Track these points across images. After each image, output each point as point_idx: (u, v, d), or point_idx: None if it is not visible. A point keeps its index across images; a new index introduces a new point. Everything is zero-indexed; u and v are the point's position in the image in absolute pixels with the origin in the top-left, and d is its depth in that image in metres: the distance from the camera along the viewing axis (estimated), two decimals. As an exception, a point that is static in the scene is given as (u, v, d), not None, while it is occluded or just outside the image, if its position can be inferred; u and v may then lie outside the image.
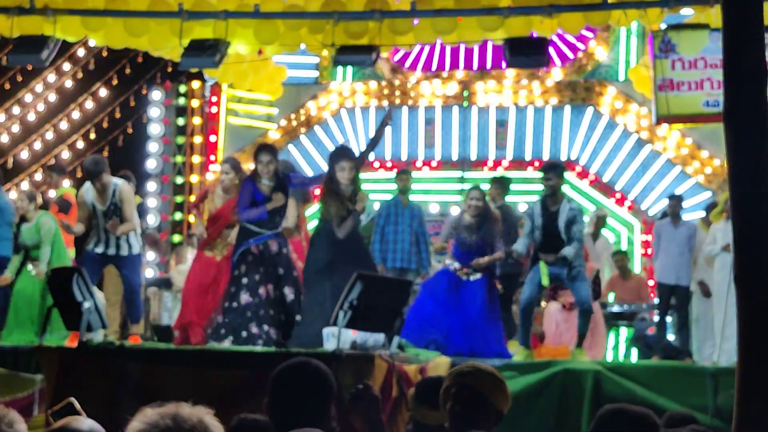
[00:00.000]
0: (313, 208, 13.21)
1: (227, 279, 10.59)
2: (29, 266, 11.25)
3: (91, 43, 12.24)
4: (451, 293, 10.68)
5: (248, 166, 16.18)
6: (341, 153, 10.38)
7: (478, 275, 10.79)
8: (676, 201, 12.53)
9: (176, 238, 16.74)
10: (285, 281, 9.87)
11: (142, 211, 12.82)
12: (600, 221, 13.44)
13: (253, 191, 9.99)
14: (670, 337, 12.63)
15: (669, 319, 12.51)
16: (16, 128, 17.74)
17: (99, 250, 10.82)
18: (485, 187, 11.64)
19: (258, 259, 9.93)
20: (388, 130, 12.34)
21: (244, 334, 9.70)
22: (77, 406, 3.81)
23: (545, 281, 10.73)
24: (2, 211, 11.79)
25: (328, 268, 9.87)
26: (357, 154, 10.60)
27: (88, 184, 10.97)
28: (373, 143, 10.89)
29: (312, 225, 11.90)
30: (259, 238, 9.93)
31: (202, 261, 11.05)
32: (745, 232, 4.65)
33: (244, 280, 9.87)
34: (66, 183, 14.10)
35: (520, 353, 10.58)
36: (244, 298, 9.82)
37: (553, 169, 10.76)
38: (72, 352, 8.69)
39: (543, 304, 12.81)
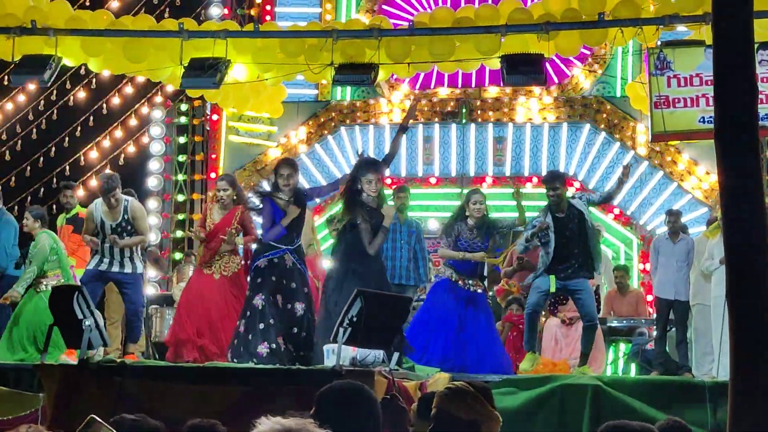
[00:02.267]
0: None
1: (229, 296, 10.68)
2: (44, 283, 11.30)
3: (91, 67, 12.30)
4: (457, 306, 10.76)
5: (251, 182, 16.36)
6: (369, 164, 10.31)
7: (480, 286, 10.88)
8: (674, 216, 12.57)
9: (178, 255, 16.80)
10: (296, 296, 9.92)
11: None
12: (596, 235, 13.47)
13: (273, 211, 10.04)
14: (670, 352, 12.66)
15: (668, 334, 12.54)
16: (18, 146, 17.83)
17: (102, 267, 10.90)
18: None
19: (271, 269, 9.98)
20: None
21: (274, 346, 9.75)
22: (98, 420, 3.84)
23: (553, 288, 10.81)
24: (16, 232, 11.90)
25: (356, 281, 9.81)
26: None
27: (98, 201, 11.08)
28: (392, 153, 10.78)
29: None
30: (275, 252, 10.02)
31: (200, 279, 11.07)
32: (737, 249, 4.72)
33: (259, 286, 9.96)
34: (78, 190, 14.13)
35: (529, 358, 10.65)
36: (258, 302, 9.88)
37: (558, 179, 10.89)
38: (73, 370, 8.73)
39: (542, 319, 12.86)
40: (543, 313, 12.90)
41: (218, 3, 17.76)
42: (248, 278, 10.34)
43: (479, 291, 10.86)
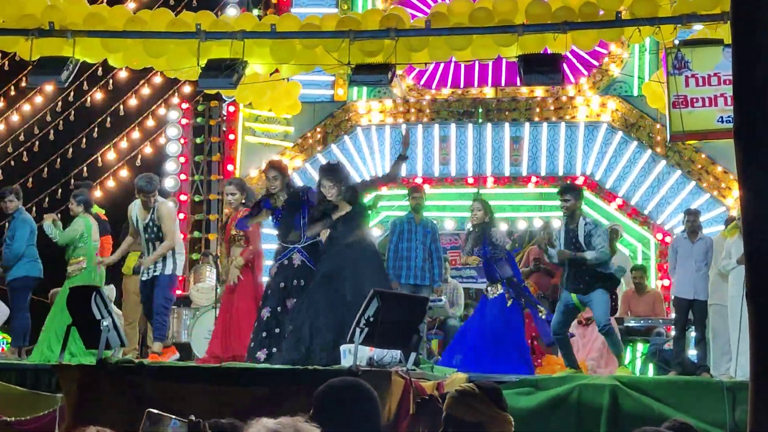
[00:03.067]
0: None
1: (241, 299, 10.74)
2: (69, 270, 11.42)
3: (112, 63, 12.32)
4: (477, 316, 10.95)
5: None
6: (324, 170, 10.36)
7: (499, 290, 10.90)
8: (693, 216, 12.52)
9: (195, 256, 16.82)
10: (303, 293, 9.99)
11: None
12: (613, 235, 13.45)
13: (266, 207, 10.28)
14: (690, 352, 12.61)
15: (688, 334, 12.49)
16: (36, 148, 17.90)
17: (144, 278, 11.28)
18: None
19: (279, 275, 10.08)
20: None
21: (274, 350, 9.83)
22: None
23: (581, 308, 10.88)
24: (32, 233, 11.95)
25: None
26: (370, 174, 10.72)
27: (137, 201, 11.28)
28: (388, 177, 10.78)
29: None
30: (284, 254, 10.11)
31: (226, 289, 11.17)
32: (757, 248, 4.69)
33: (267, 298, 10.06)
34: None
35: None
36: (265, 314, 9.97)
37: (570, 191, 10.87)
38: (91, 371, 8.75)
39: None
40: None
41: (234, 4, 17.77)
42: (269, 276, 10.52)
43: (496, 296, 10.90)
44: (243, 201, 11.09)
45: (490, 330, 10.80)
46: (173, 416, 3.49)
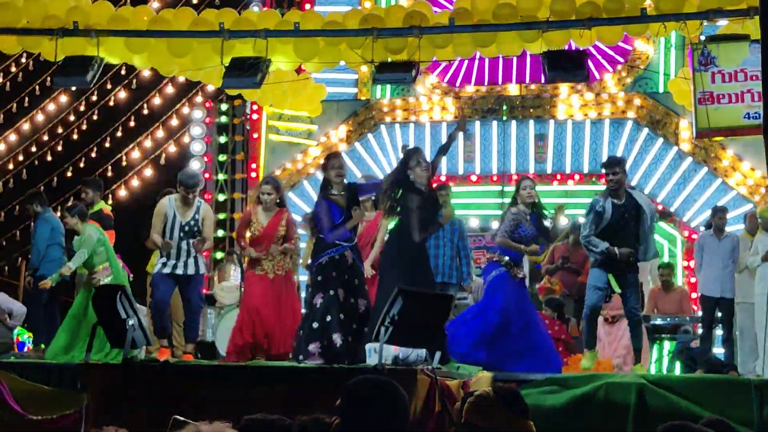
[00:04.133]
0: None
1: (288, 295, 10.70)
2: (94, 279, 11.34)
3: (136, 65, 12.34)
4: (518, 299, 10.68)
5: (291, 181, 16.40)
6: (417, 152, 10.20)
7: (523, 275, 10.83)
8: (720, 213, 12.44)
9: (219, 255, 16.85)
10: (359, 293, 9.88)
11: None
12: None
13: (330, 209, 9.98)
14: (717, 350, 12.54)
15: (714, 332, 12.43)
16: (60, 147, 17.98)
17: (167, 270, 10.97)
18: None
19: (333, 266, 9.93)
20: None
21: (325, 342, 9.67)
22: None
23: (617, 288, 10.64)
24: (54, 231, 11.97)
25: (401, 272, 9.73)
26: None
27: (172, 197, 11.15)
28: (443, 151, 10.58)
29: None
30: (337, 249, 9.98)
31: (255, 280, 11.02)
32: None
33: (320, 284, 9.89)
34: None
35: (589, 356, 10.57)
36: (318, 300, 9.82)
37: (618, 164, 10.69)
38: (116, 370, 8.77)
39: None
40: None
41: (257, 2, 17.79)
42: (309, 276, 10.36)
43: (524, 279, 10.86)
44: (277, 201, 11.06)
45: (534, 319, 10.68)
46: (191, 421, 3.48)
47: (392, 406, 3.72)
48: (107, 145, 17.86)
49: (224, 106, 17.83)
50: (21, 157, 18.15)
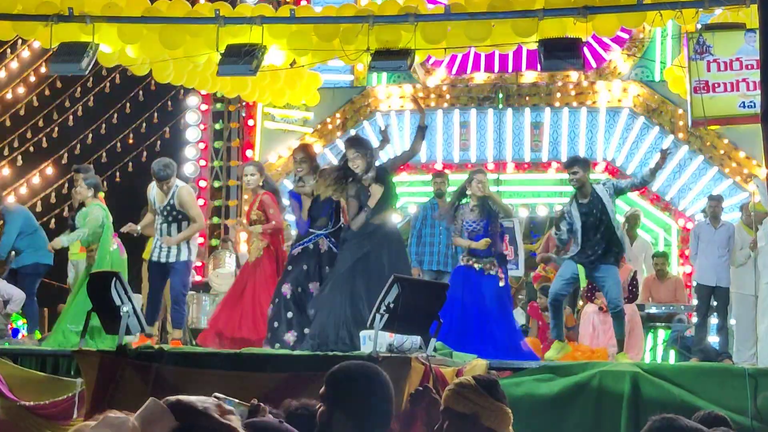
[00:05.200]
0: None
1: (257, 280, 10.72)
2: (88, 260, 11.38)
3: (129, 53, 12.29)
4: (463, 291, 10.67)
5: (287, 168, 16.38)
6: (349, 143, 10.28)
7: (495, 267, 10.78)
8: (715, 201, 12.45)
9: (214, 242, 16.85)
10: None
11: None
12: (632, 220, 13.38)
13: (296, 201, 10.20)
14: (711, 338, 12.56)
15: (709, 320, 12.44)
16: (55, 134, 17.94)
17: (154, 257, 11.14)
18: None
19: (304, 257, 10.02)
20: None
21: (287, 337, 9.82)
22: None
23: (583, 282, 10.76)
24: (26, 220, 12.03)
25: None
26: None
27: (153, 184, 11.22)
28: (411, 153, 10.64)
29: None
30: (309, 239, 10.07)
31: (243, 267, 11.24)
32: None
33: (288, 274, 10.02)
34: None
35: (555, 347, 10.57)
36: (287, 290, 9.93)
37: (577, 163, 10.74)
38: (111, 356, 8.77)
39: (580, 303, 12.80)
40: (580, 302, 12.84)
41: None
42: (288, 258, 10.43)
43: (492, 273, 10.74)
44: (261, 184, 11.07)
45: (488, 310, 10.63)
46: (229, 397, 3.49)
47: (374, 389, 3.75)
48: (102, 131, 17.82)
49: (219, 93, 17.79)
50: (16, 143, 18.11)
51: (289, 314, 9.93)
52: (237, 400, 3.56)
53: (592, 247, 10.51)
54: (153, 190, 11.24)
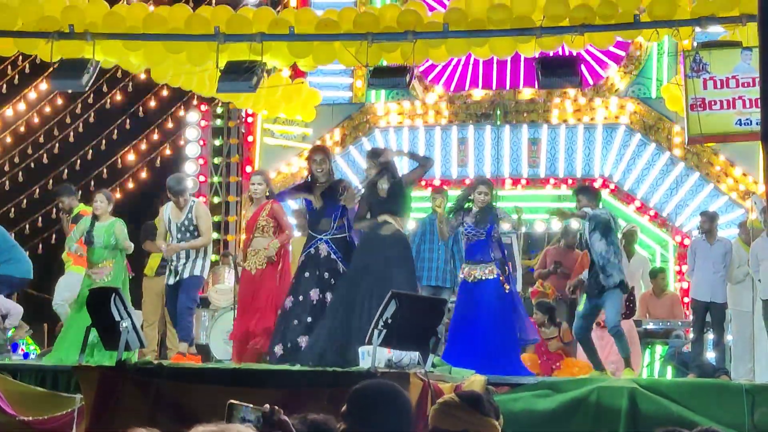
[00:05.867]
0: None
1: (268, 290, 10.73)
2: (89, 274, 11.32)
3: (132, 60, 12.36)
4: (467, 304, 10.71)
5: (286, 184, 16.42)
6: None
7: (495, 272, 10.77)
8: (709, 218, 12.49)
9: (214, 257, 16.88)
10: (328, 287, 9.96)
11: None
12: (630, 236, 13.40)
13: (305, 203, 10.30)
14: (708, 354, 12.58)
15: (705, 336, 12.47)
16: (56, 150, 17.99)
17: (171, 282, 11.27)
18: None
19: (307, 265, 10.05)
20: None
21: (289, 345, 9.82)
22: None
23: (581, 307, 10.94)
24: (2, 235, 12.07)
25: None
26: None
27: (169, 203, 11.33)
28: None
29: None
30: (311, 244, 10.10)
31: (243, 277, 11.21)
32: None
33: (292, 287, 10.08)
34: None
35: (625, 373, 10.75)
36: (288, 304, 9.97)
37: (583, 192, 10.95)
38: (111, 372, 8.80)
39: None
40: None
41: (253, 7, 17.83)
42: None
43: (490, 277, 10.73)
44: (267, 194, 11.10)
45: (492, 320, 10.63)
46: (246, 404, 3.54)
47: (396, 408, 3.77)
48: (103, 147, 17.86)
49: (220, 109, 17.88)
50: (17, 159, 18.15)
51: (282, 327, 10.01)
52: (252, 406, 3.61)
53: (599, 282, 10.71)
54: (168, 209, 11.30)
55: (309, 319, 9.82)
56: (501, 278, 10.68)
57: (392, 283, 9.13)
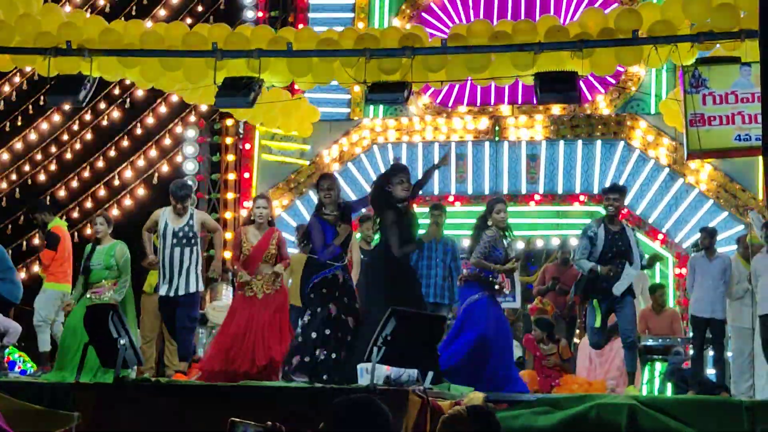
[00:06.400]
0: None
1: (276, 312, 10.63)
2: (88, 294, 11.22)
3: (128, 81, 12.37)
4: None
5: (282, 201, 16.42)
6: (403, 171, 10.16)
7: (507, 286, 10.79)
8: (707, 234, 12.48)
9: (212, 274, 16.81)
10: (350, 311, 9.88)
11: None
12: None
13: (323, 229, 10.03)
14: (708, 371, 12.55)
15: (705, 352, 12.43)
16: (53, 167, 17.99)
17: (163, 292, 11.04)
18: None
19: (326, 284, 9.93)
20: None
21: (306, 359, 9.70)
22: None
23: (598, 323, 10.75)
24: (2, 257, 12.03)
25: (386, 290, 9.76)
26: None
27: (168, 208, 11.16)
28: (423, 181, 10.71)
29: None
30: (330, 270, 9.98)
31: (244, 303, 10.87)
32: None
33: (312, 301, 9.92)
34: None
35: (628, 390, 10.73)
36: (306, 318, 9.85)
37: (620, 191, 10.89)
38: (108, 389, 8.76)
39: (576, 340, 12.79)
40: (577, 332, 12.85)
41: (251, 7, 17.84)
42: (305, 292, 10.31)
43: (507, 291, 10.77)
44: (270, 219, 11.04)
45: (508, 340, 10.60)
46: (247, 421, 3.50)
47: (376, 423, 3.73)
48: (100, 164, 17.86)
49: (217, 126, 17.88)
50: (14, 177, 18.15)
51: (300, 339, 9.82)
52: (254, 423, 3.58)
53: (614, 279, 10.60)
54: (165, 213, 11.14)
55: (327, 332, 9.71)
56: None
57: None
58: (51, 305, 12.00)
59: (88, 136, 17.82)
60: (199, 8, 18.32)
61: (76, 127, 17.83)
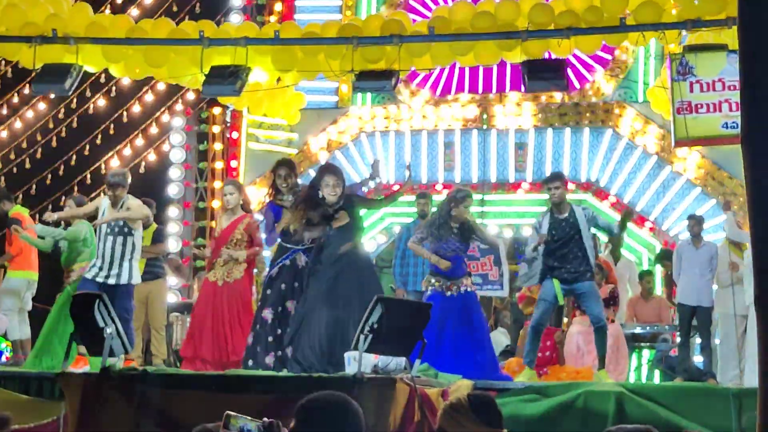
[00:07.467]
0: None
1: (233, 304, 10.63)
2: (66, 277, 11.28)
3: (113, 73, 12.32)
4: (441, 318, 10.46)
5: (269, 190, 16.36)
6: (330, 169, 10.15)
7: (471, 286, 10.71)
8: (696, 221, 12.49)
9: (199, 263, 16.80)
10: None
11: (163, 236, 12.78)
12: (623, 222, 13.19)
13: (274, 214, 10.16)
14: (695, 358, 12.57)
15: (692, 340, 12.46)
16: (38, 154, 17.90)
17: (99, 278, 10.78)
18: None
19: (281, 277, 10.00)
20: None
21: (267, 360, 9.80)
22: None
23: (561, 299, 10.75)
24: None
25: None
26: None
27: (105, 198, 11.08)
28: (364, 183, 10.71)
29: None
30: (287, 255, 10.03)
31: (206, 287, 10.95)
32: (765, 254, 4.67)
33: (268, 298, 9.99)
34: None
35: (524, 374, 10.53)
36: (268, 315, 9.92)
37: (558, 178, 10.85)
38: (95, 378, 8.73)
39: (564, 322, 12.79)
40: (565, 320, 12.85)
41: (238, 11, 17.77)
42: (266, 279, 10.34)
43: (470, 290, 10.66)
44: (240, 203, 11.01)
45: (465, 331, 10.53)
46: (241, 415, 3.47)
47: (346, 419, 3.69)
48: (86, 153, 17.78)
49: (204, 114, 17.82)
50: (-1, 165, 18.08)
51: (270, 338, 9.93)
52: (250, 418, 3.55)
53: (571, 262, 10.55)
54: (105, 202, 11.03)
55: (289, 330, 9.76)
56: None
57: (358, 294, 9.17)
58: (15, 295, 12.07)
59: (74, 125, 17.72)
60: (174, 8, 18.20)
61: (61, 116, 17.72)
